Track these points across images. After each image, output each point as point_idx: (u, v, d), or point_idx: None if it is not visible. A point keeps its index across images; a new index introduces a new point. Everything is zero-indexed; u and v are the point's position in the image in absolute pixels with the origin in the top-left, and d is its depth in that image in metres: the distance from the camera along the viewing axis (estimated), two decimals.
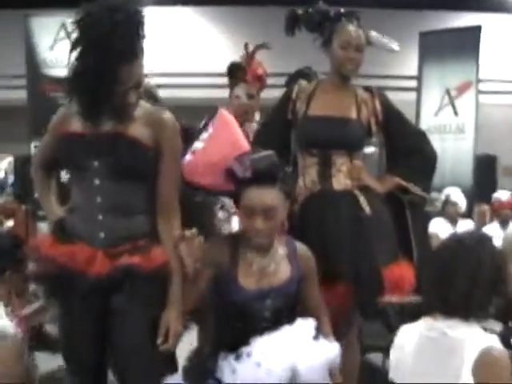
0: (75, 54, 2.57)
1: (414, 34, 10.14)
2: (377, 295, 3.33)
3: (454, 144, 9.46)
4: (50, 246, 2.68)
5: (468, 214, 8.31)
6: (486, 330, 2.24)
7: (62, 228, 2.71)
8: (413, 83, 10.33)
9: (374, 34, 3.45)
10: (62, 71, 9.67)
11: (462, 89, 9.41)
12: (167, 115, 2.75)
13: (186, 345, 2.91)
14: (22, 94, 10.07)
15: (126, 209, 2.66)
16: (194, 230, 2.63)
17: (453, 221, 7.70)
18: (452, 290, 2.20)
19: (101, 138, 2.63)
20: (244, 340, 2.74)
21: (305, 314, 2.91)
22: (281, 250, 2.88)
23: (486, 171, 10.27)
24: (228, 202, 3.72)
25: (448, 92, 9.49)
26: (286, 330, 2.70)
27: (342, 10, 3.43)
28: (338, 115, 3.36)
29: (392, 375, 2.38)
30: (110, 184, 2.64)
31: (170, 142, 2.71)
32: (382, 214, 3.35)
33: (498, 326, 2.36)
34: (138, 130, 2.65)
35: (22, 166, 10.48)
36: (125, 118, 2.62)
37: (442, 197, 7.87)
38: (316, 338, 2.74)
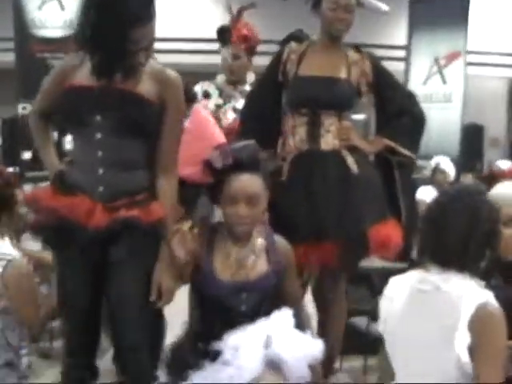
0: (88, 13, 2.59)
1: (404, 2, 10.15)
2: (362, 254, 3.39)
3: (441, 113, 9.51)
4: (51, 198, 2.69)
5: (455, 183, 8.37)
6: None
7: (63, 180, 2.73)
8: (402, 53, 10.36)
9: None
10: (50, 31, 9.69)
11: (451, 58, 9.46)
12: (173, 74, 2.77)
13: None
14: (10, 57, 10.00)
15: (127, 164, 2.69)
16: (190, 223, 2.66)
17: (441, 189, 7.74)
18: (449, 239, 2.21)
19: (109, 93, 2.64)
20: (222, 335, 2.70)
21: (282, 304, 2.86)
22: (259, 242, 2.86)
23: (472, 141, 10.34)
24: None
25: (437, 60, 9.53)
26: (261, 323, 2.62)
27: None
28: (328, 75, 3.39)
29: (381, 328, 2.38)
30: (112, 139, 2.65)
31: (174, 100, 2.73)
32: (370, 174, 3.39)
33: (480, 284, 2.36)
34: (145, 87, 2.68)
35: (9, 128, 10.44)
36: (134, 76, 2.65)
37: (432, 164, 7.91)
38: (298, 329, 2.70)
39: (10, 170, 10.41)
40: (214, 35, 4.37)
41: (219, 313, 2.78)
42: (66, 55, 2.89)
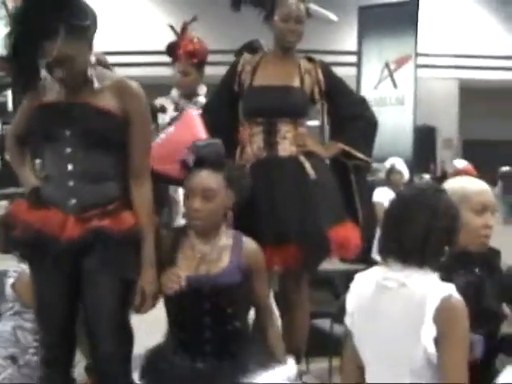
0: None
1: (354, 9, 10.32)
2: (323, 256, 3.46)
3: (393, 116, 9.69)
4: (25, 212, 2.78)
5: (409, 184, 8.49)
6: None
7: (37, 195, 2.81)
8: (353, 58, 10.52)
9: (313, 5, 3.56)
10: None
11: (401, 62, 9.63)
12: (134, 84, 2.84)
13: None
14: None
15: (96, 175, 2.75)
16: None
17: (397, 189, 7.83)
18: (408, 235, 2.27)
19: (74, 108, 2.73)
20: (188, 335, 2.81)
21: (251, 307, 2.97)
22: (225, 241, 2.88)
23: (425, 142, 10.52)
24: (174, 203, 3.85)
25: (387, 65, 9.70)
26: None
27: None
28: (281, 84, 3.47)
29: (348, 322, 2.43)
30: (81, 152, 2.73)
31: (137, 109, 2.80)
32: (326, 178, 3.46)
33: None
34: (106, 100, 2.75)
35: None
36: (86, 87, 2.73)
37: (387, 165, 8.01)
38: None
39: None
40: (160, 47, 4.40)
41: (182, 308, 2.81)
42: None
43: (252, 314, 3.01)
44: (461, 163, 8.31)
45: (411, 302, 2.22)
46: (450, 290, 2.21)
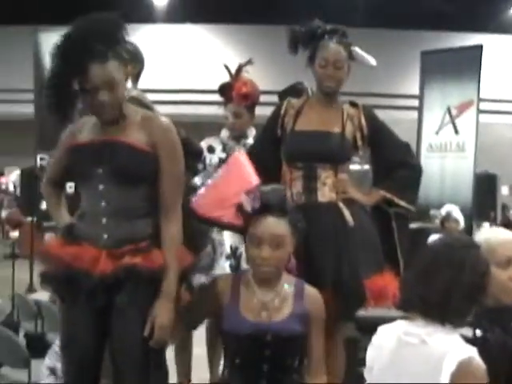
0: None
1: (416, 53, 10.29)
2: (359, 305, 3.39)
3: (454, 162, 9.57)
4: (58, 247, 2.83)
5: (468, 233, 8.35)
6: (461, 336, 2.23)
7: (70, 232, 2.86)
8: (415, 102, 10.46)
9: (356, 49, 3.55)
10: None
11: (463, 108, 9.52)
12: (163, 119, 2.89)
13: None
14: (30, 108, 10.22)
15: (128, 212, 2.80)
16: None
17: None
18: (431, 289, 2.21)
19: (100, 146, 2.80)
20: (246, 380, 2.78)
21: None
22: (288, 288, 2.87)
23: (486, 190, 10.35)
24: (218, 244, 3.87)
25: (449, 111, 9.60)
26: None
27: (328, 27, 3.49)
28: (323, 129, 3.45)
29: (366, 376, 2.38)
30: (113, 189, 2.78)
31: (167, 144, 2.83)
32: (366, 225, 3.42)
33: (469, 332, 2.34)
34: (134, 135, 2.81)
35: (27, 177, 10.62)
36: (118, 124, 2.80)
37: (443, 213, 7.93)
38: None
39: (28, 219, 10.63)
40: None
41: (242, 353, 2.79)
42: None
43: None
44: None
45: (430, 361, 2.15)
46: (470, 352, 2.12)
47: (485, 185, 10.23)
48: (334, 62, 3.42)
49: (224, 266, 3.80)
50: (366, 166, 3.92)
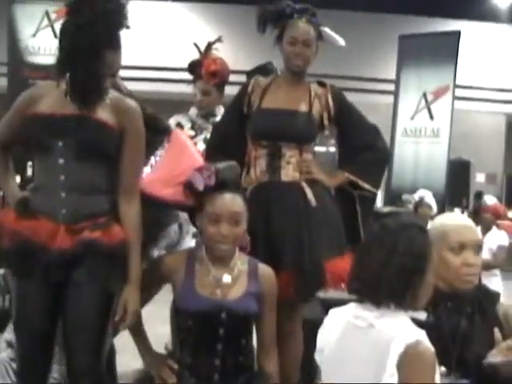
0: (65, 36, 2.72)
1: (395, 37, 10.27)
2: (318, 286, 3.37)
3: (428, 148, 9.57)
4: (14, 222, 2.76)
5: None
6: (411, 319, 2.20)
7: (26, 205, 2.80)
8: (392, 86, 10.45)
9: (325, 29, 3.51)
10: (44, 58, 9.73)
11: (439, 93, 9.51)
12: (132, 103, 2.87)
13: None
14: (2, 82, 10.08)
15: (88, 187, 2.76)
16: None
17: (424, 223, 7.72)
18: (364, 270, 2.21)
19: (68, 120, 2.75)
20: (198, 360, 2.77)
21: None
22: (241, 266, 2.86)
23: (459, 176, 10.38)
24: (184, 221, 3.82)
25: (425, 96, 9.60)
26: None
27: (297, 6, 3.47)
28: (289, 108, 3.42)
29: (317, 358, 2.37)
30: (74, 163, 2.74)
31: (133, 127, 2.82)
32: (329, 207, 3.41)
33: (423, 315, 2.31)
34: (104, 114, 2.78)
35: None
36: (95, 101, 2.76)
37: (416, 198, 7.93)
38: None
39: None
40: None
41: (196, 332, 2.77)
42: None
43: None
44: (491, 200, 8.15)
45: (377, 344, 2.13)
46: (418, 336, 2.10)
47: (458, 171, 10.28)
48: (302, 40, 3.40)
49: (190, 245, 3.77)
50: (333, 149, 3.89)
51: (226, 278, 2.81)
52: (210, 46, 4.34)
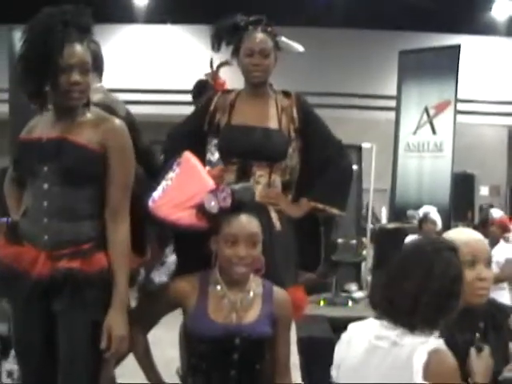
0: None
1: (395, 54, 10.27)
2: None
3: (431, 162, 9.56)
4: (1, 248, 2.76)
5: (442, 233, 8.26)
6: None
7: (15, 231, 2.78)
8: (392, 103, 10.45)
9: (282, 38, 3.46)
10: None
11: (441, 108, 9.51)
12: (116, 121, 2.82)
13: None
14: (4, 108, 10.09)
15: (71, 213, 2.72)
16: None
17: None
18: (400, 293, 2.16)
19: (47, 143, 2.72)
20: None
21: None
22: (256, 289, 2.82)
23: (463, 190, 10.34)
24: None
25: (426, 110, 9.59)
26: None
27: (252, 18, 3.42)
28: (259, 125, 3.35)
29: (333, 373, 2.34)
30: (57, 188, 2.71)
31: (118, 147, 2.75)
32: (290, 233, 3.32)
33: (436, 332, 2.28)
34: (85, 135, 2.73)
35: (1, 178, 10.48)
36: (69, 122, 2.74)
37: (420, 214, 7.89)
38: None
39: (3, 220, 10.51)
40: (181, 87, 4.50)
41: (209, 358, 2.72)
42: None
43: None
44: (497, 213, 8.11)
45: (400, 360, 2.11)
46: (437, 343, 2.10)
47: (463, 185, 10.23)
48: (259, 50, 3.32)
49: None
50: None
51: (242, 302, 2.77)
52: (220, 65, 4.36)
